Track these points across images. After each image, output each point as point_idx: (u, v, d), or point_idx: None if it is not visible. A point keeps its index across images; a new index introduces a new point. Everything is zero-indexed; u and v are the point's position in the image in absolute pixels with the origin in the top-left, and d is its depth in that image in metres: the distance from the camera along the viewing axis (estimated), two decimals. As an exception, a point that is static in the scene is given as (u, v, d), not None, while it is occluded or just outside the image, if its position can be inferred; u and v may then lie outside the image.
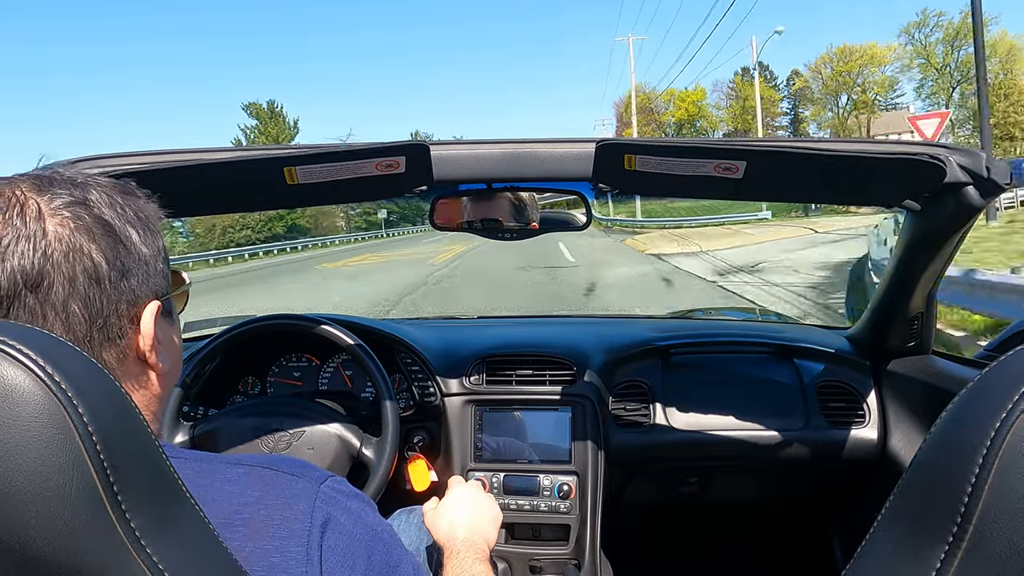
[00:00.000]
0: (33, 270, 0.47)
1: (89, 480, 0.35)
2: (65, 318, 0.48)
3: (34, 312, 0.47)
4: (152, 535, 0.38)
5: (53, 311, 0.48)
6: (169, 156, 0.87)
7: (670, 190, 0.99)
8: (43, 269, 0.47)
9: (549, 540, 1.43)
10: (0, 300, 0.47)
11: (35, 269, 0.47)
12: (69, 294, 0.48)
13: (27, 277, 0.47)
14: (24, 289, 0.47)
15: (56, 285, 0.48)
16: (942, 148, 0.86)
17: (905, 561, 0.41)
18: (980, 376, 0.41)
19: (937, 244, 1.05)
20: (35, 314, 0.47)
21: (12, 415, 0.34)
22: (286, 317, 1.33)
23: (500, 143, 0.93)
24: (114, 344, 0.51)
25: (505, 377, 1.47)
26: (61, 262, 0.48)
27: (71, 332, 0.49)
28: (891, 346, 1.34)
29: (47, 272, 0.47)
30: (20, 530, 0.34)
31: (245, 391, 1.50)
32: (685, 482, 1.59)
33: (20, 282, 0.47)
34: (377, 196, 1.03)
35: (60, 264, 0.48)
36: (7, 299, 0.47)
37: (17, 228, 0.48)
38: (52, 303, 0.48)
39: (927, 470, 0.42)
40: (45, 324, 0.48)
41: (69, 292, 0.48)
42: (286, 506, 0.52)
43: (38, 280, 0.47)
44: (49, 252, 0.48)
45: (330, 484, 0.56)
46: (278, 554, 0.50)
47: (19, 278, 0.47)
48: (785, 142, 0.83)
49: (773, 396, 1.45)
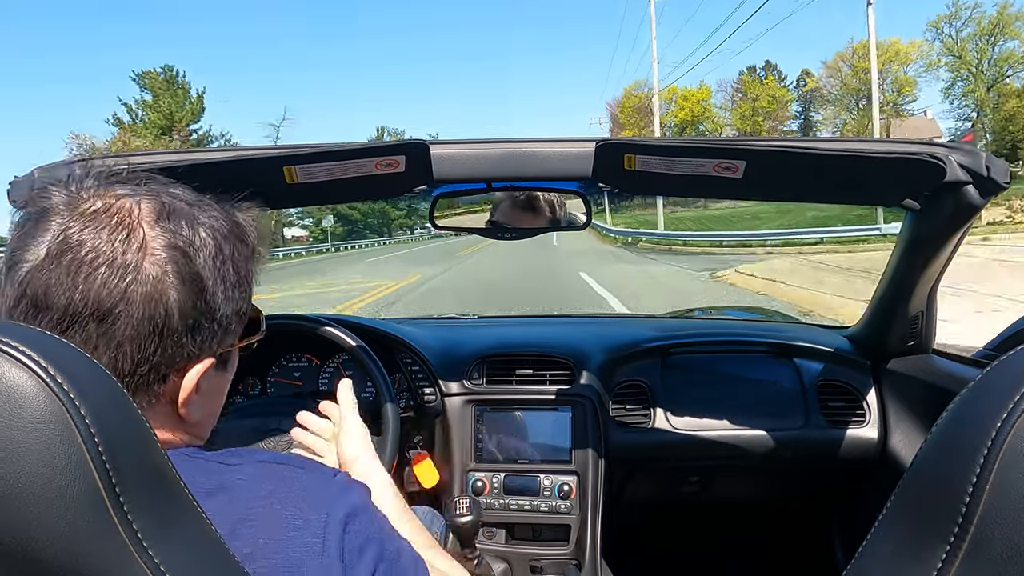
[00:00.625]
0: (108, 302, 0.46)
1: (91, 482, 0.35)
2: (115, 355, 0.48)
3: (89, 339, 0.47)
4: (154, 536, 0.38)
5: (106, 345, 0.47)
6: (166, 156, 0.86)
7: (670, 190, 0.99)
8: (116, 304, 0.47)
9: (549, 540, 1.43)
10: (64, 317, 0.46)
11: (109, 302, 0.47)
12: (130, 337, 0.48)
13: (99, 306, 0.46)
14: (90, 317, 0.46)
15: (121, 323, 0.47)
16: (942, 147, 0.86)
17: (906, 561, 0.41)
18: (981, 376, 0.41)
19: (937, 243, 1.05)
20: (89, 342, 0.47)
21: (15, 416, 0.34)
22: (286, 317, 1.33)
23: (500, 142, 0.92)
24: (149, 391, 0.51)
25: (505, 377, 1.47)
26: (136, 303, 0.47)
27: (115, 368, 0.48)
28: (891, 345, 1.34)
29: (119, 309, 0.47)
30: (22, 532, 0.34)
31: (245, 391, 1.50)
32: (685, 482, 1.60)
33: (91, 309, 0.46)
34: (377, 195, 1.03)
35: (134, 304, 0.47)
36: (71, 318, 0.46)
37: (115, 250, 0.47)
38: (109, 337, 0.47)
39: (928, 470, 0.42)
40: (95, 353, 0.47)
41: (131, 335, 0.48)
42: (300, 499, 0.52)
43: (106, 313, 0.47)
44: (130, 291, 0.47)
45: (341, 477, 0.57)
46: (292, 546, 0.50)
47: (92, 304, 0.46)
48: (785, 141, 0.83)
49: (773, 395, 1.45)
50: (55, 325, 0.47)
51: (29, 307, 0.47)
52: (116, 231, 0.47)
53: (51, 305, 0.46)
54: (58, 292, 0.46)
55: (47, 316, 0.47)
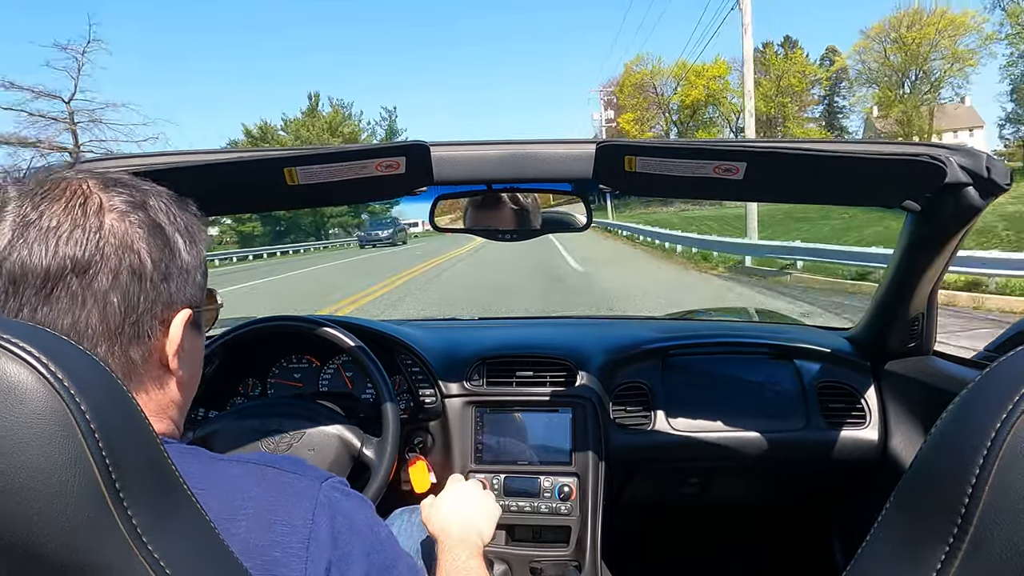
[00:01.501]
0: (83, 257, 0.49)
1: (91, 477, 0.35)
2: (103, 307, 0.50)
3: (75, 296, 0.49)
4: (153, 531, 0.38)
5: (93, 298, 0.50)
6: (168, 157, 0.86)
7: (670, 191, 0.99)
8: (91, 258, 0.49)
9: (550, 542, 1.43)
10: (47, 280, 0.48)
11: (84, 257, 0.49)
12: (111, 285, 0.50)
13: (76, 263, 0.49)
14: (71, 273, 0.49)
15: (101, 274, 0.50)
16: (942, 148, 0.86)
17: (905, 562, 0.41)
18: (980, 377, 0.41)
19: (937, 245, 1.05)
20: (76, 298, 0.49)
21: (15, 412, 0.35)
22: (286, 318, 1.33)
23: (500, 144, 0.93)
24: (142, 342, 0.53)
25: (505, 378, 1.47)
26: (110, 254, 0.50)
27: (105, 322, 0.50)
28: (891, 347, 1.34)
29: (95, 261, 0.49)
30: (22, 527, 0.34)
31: (245, 392, 1.50)
32: (685, 483, 1.59)
33: (69, 266, 0.49)
34: (377, 197, 1.04)
35: (109, 256, 0.50)
36: (53, 279, 0.49)
37: (76, 219, 0.50)
38: (94, 290, 0.50)
39: (927, 471, 0.42)
40: (83, 310, 0.49)
41: (112, 283, 0.50)
42: (288, 503, 0.52)
43: (85, 266, 0.49)
44: (101, 244, 0.50)
45: (331, 483, 0.57)
46: (279, 549, 0.50)
47: (68, 263, 0.49)
48: (785, 143, 0.83)
49: (773, 397, 1.45)
50: (38, 291, 0.48)
51: (8, 285, 0.48)
52: (72, 201, 0.50)
53: (29, 274, 0.48)
54: (33, 261, 0.48)
55: (28, 285, 0.48)
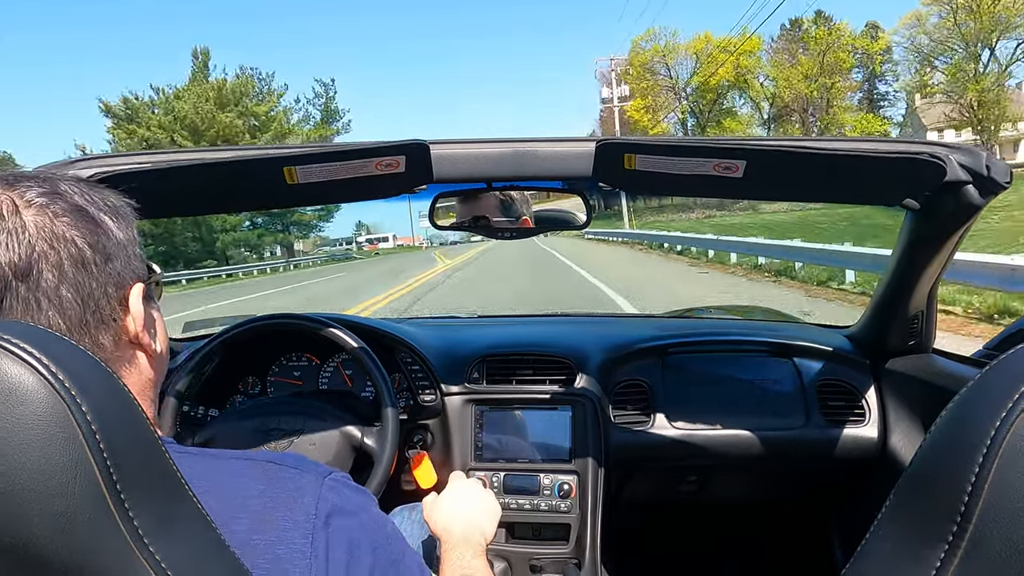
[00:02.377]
0: (20, 261, 0.48)
1: (92, 478, 0.35)
2: (59, 304, 0.49)
3: (27, 301, 0.48)
4: (155, 533, 0.38)
5: (46, 298, 0.48)
6: (168, 156, 0.86)
7: (670, 190, 0.99)
8: (30, 259, 0.48)
9: (549, 539, 1.43)
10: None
11: (22, 260, 0.48)
12: (59, 280, 0.49)
13: (16, 269, 0.47)
14: (14, 280, 0.48)
15: (45, 273, 0.48)
16: (942, 147, 0.86)
17: (905, 560, 0.41)
18: (980, 375, 0.41)
19: (937, 243, 1.05)
20: (28, 303, 0.48)
21: (16, 413, 0.34)
22: (286, 317, 1.33)
23: (500, 142, 0.93)
24: (108, 327, 0.52)
25: (505, 377, 1.47)
26: (47, 250, 0.49)
27: (66, 318, 0.49)
28: (891, 345, 1.34)
29: (34, 261, 0.48)
30: (23, 529, 0.34)
31: (245, 391, 1.50)
32: (684, 481, 1.60)
33: (9, 274, 0.47)
34: (377, 195, 1.03)
35: (46, 252, 0.49)
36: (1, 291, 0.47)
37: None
38: (44, 290, 0.48)
39: (927, 469, 0.42)
40: (40, 312, 0.48)
41: (59, 279, 0.49)
42: (291, 499, 0.52)
43: (27, 270, 0.48)
44: (33, 242, 0.48)
45: (334, 478, 0.56)
46: (283, 546, 0.50)
47: (7, 271, 0.47)
48: (785, 141, 0.83)
49: (773, 395, 1.45)
50: None
51: None
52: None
53: None
54: None
55: None
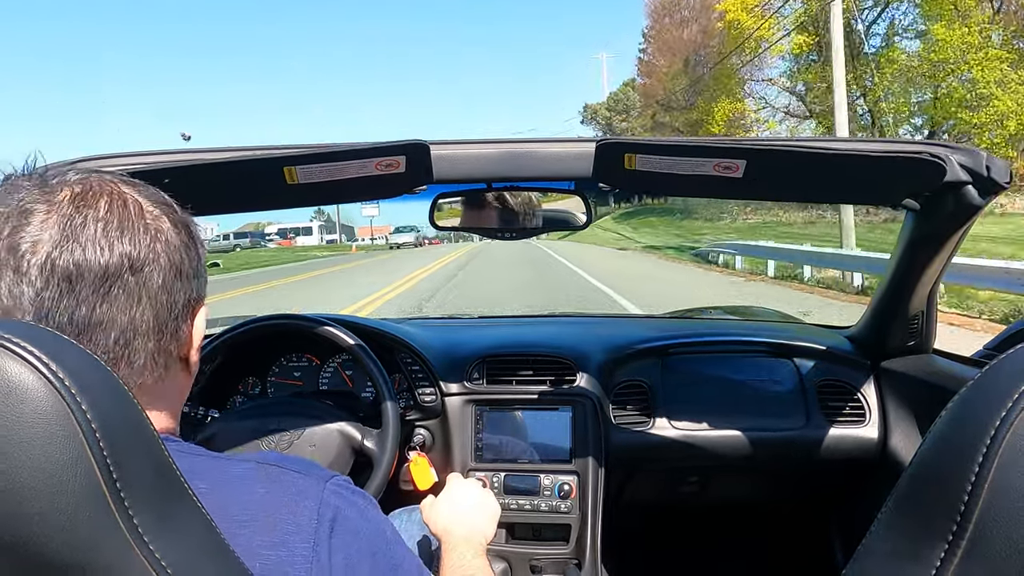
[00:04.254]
0: (139, 256, 0.50)
1: (92, 476, 0.35)
2: (156, 304, 0.52)
3: (131, 293, 0.50)
4: (154, 531, 0.38)
5: (148, 295, 0.51)
6: (168, 156, 0.87)
7: (670, 190, 0.99)
8: (146, 256, 0.51)
9: (550, 540, 1.43)
10: (105, 278, 0.49)
11: (140, 255, 0.50)
12: (163, 283, 0.52)
13: (132, 260, 0.50)
14: (127, 271, 0.50)
15: (155, 272, 0.51)
16: (942, 147, 0.86)
17: (905, 560, 0.41)
18: (980, 374, 0.41)
19: (937, 243, 1.05)
20: (131, 296, 0.50)
21: (16, 411, 0.35)
22: (286, 317, 1.33)
23: (500, 143, 0.93)
24: (178, 337, 0.54)
25: (506, 377, 1.47)
26: (161, 253, 0.52)
27: (158, 318, 0.52)
28: (891, 345, 1.34)
29: (149, 260, 0.51)
30: (23, 526, 0.34)
31: (245, 391, 1.50)
32: (685, 481, 1.60)
33: (126, 264, 0.50)
34: (377, 196, 1.04)
35: (160, 255, 0.52)
36: (112, 276, 0.49)
37: (124, 219, 0.51)
38: (149, 288, 0.51)
39: (927, 469, 0.42)
40: (139, 306, 0.51)
41: (163, 281, 0.52)
42: (292, 503, 0.52)
43: (141, 265, 0.50)
44: (153, 243, 0.51)
45: (335, 482, 0.56)
46: (284, 549, 0.50)
47: (126, 261, 0.50)
48: (785, 141, 0.83)
49: (773, 395, 1.45)
50: (96, 289, 0.49)
51: (62, 282, 0.48)
52: (112, 202, 0.51)
53: (86, 273, 0.49)
54: (91, 258, 0.49)
55: (86, 284, 0.49)
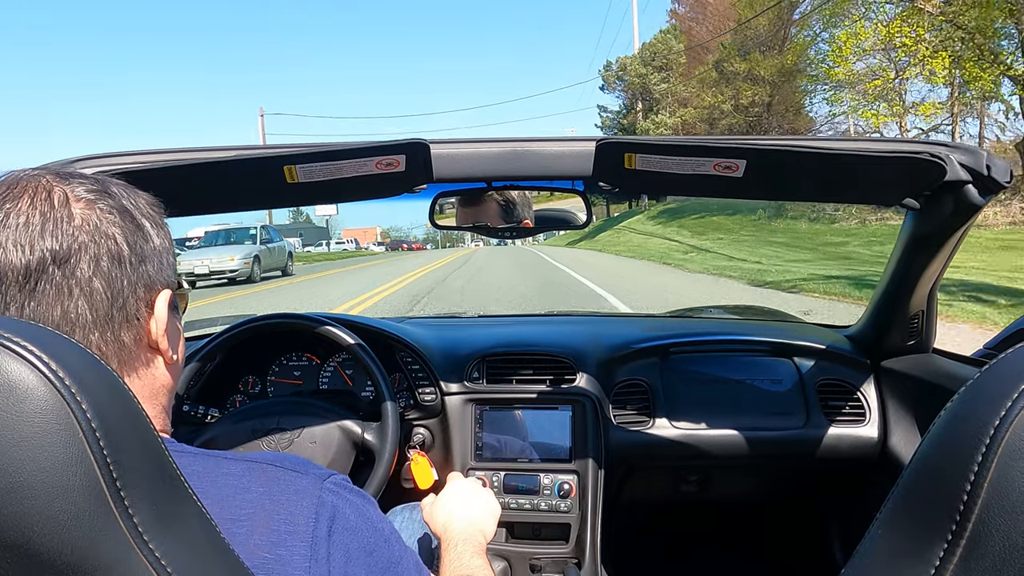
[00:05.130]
0: (61, 249, 0.50)
1: (92, 476, 0.35)
2: (89, 294, 0.51)
3: (60, 287, 0.50)
4: (154, 530, 0.38)
5: (78, 287, 0.50)
6: (168, 155, 0.87)
7: (670, 189, 0.99)
8: (70, 247, 0.50)
9: (549, 539, 1.43)
10: (28, 276, 0.49)
11: (63, 248, 0.50)
12: (93, 272, 0.51)
13: (55, 254, 0.49)
14: (52, 265, 0.49)
15: (82, 262, 0.50)
16: (942, 146, 0.86)
17: (904, 559, 0.41)
18: (980, 374, 0.41)
19: (937, 243, 1.05)
20: (61, 289, 0.50)
21: (17, 411, 0.35)
22: (285, 316, 1.33)
23: (500, 141, 0.93)
24: (132, 325, 0.54)
25: (505, 376, 1.47)
26: (87, 242, 0.51)
27: (94, 308, 0.51)
28: (891, 344, 1.34)
29: (74, 251, 0.50)
30: (23, 526, 0.34)
31: (245, 391, 1.50)
32: (685, 481, 1.60)
33: (49, 258, 0.49)
34: (377, 195, 1.04)
35: (86, 244, 0.50)
36: (36, 273, 0.49)
37: (44, 212, 0.50)
38: (78, 279, 0.50)
39: (926, 468, 0.42)
40: (70, 299, 0.50)
41: (93, 270, 0.51)
42: (290, 502, 0.52)
43: (65, 256, 0.50)
44: (76, 233, 0.50)
45: (333, 481, 0.56)
46: (283, 548, 0.50)
47: (48, 255, 0.49)
48: (785, 140, 0.83)
49: (773, 395, 1.45)
50: (21, 287, 0.49)
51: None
52: (35, 196, 0.51)
53: (9, 271, 0.49)
54: (10, 258, 0.49)
55: (10, 283, 0.49)
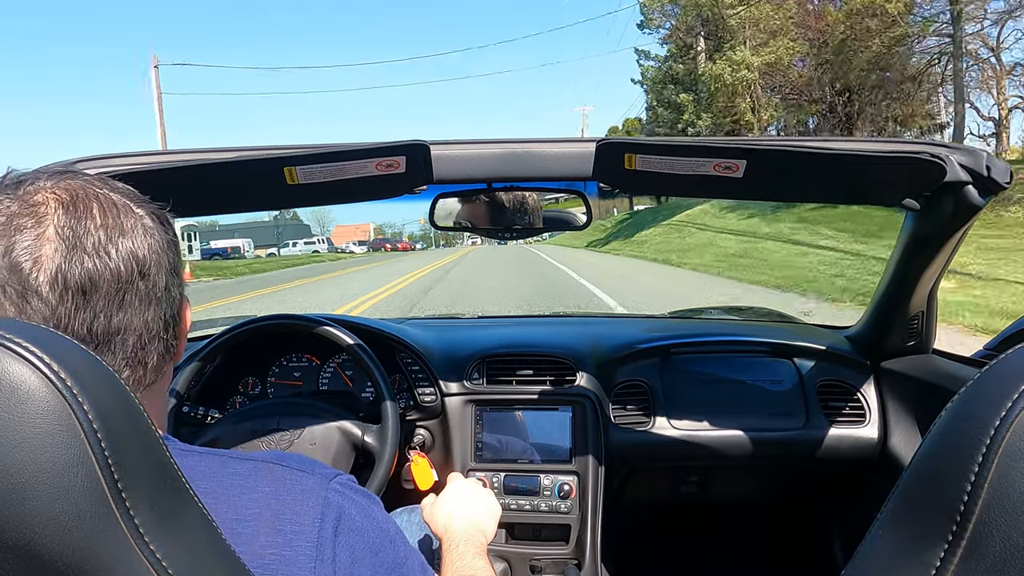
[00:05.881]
0: (143, 257, 0.49)
1: (94, 476, 0.35)
2: (161, 304, 0.51)
3: (143, 297, 0.49)
4: (155, 531, 0.38)
5: (156, 297, 0.50)
6: (168, 156, 0.87)
7: (670, 190, 1.00)
8: (148, 257, 0.50)
9: (549, 540, 1.43)
10: (119, 285, 0.48)
11: (143, 256, 0.49)
12: (166, 284, 0.51)
13: (139, 263, 0.49)
14: (136, 276, 0.49)
15: (159, 274, 0.51)
16: (942, 147, 0.86)
17: (905, 560, 0.41)
18: (980, 375, 0.41)
19: (937, 243, 1.06)
20: (143, 299, 0.49)
21: (18, 411, 0.35)
22: (285, 317, 1.33)
23: (500, 143, 0.93)
24: (177, 335, 0.54)
25: (505, 377, 1.47)
26: (160, 254, 0.51)
27: (164, 317, 0.51)
28: (891, 345, 1.34)
29: (152, 262, 0.50)
30: (24, 526, 0.34)
31: (245, 392, 1.50)
32: (685, 481, 1.60)
33: (135, 269, 0.49)
34: (377, 196, 1.04)
35: (160, 256, 0.51)
36: (125, 283, 0.48)
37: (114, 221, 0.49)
38: (157, 289, 0.50)
39: (926, 469, 0.42)
40: (151, 309, 0.50)
41: (166, 282, 0.51)
42: (296, 502, 0.52)
43: (145, 268, 0.49)
44: (153, 246, 0.50)
45: (339, 481, 0.56)
46: (289, 549, 0.50)
47: (134, 266, 0.49)
48: (785, 141, 0.83)
49: (773, 395, 1.45)
50: (112, 298, 0.48)
51: (76, 295, 0.47)
52: (103, 205, 0.50)
53: (99, 283, 0.48)
54: (101, 269, 0.48)
55: (100, 293, 0.48)
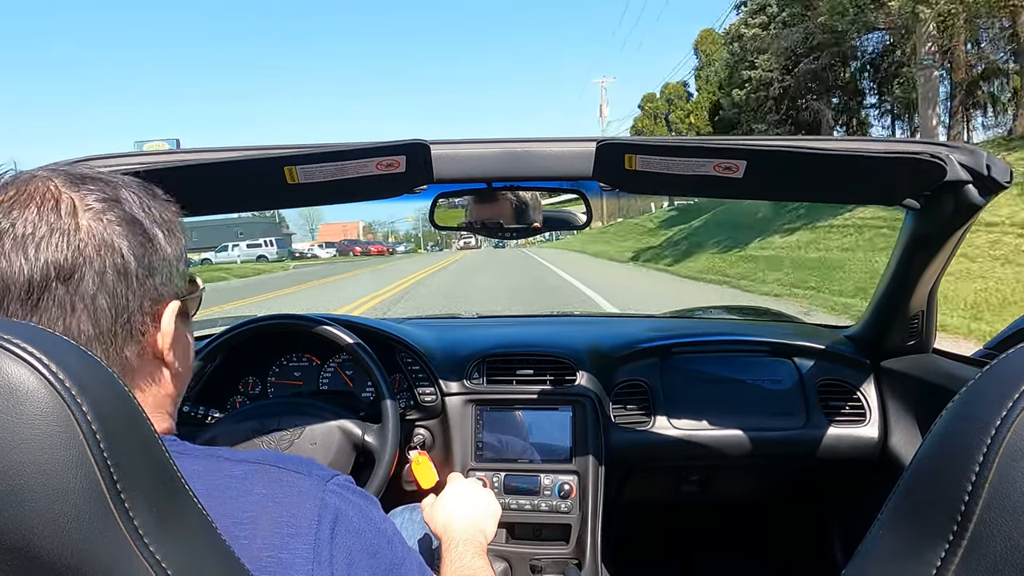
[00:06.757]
0: (66, 263, 0.48)
1: (92, 478, 0.35)
2: (93, 311, 0.49)
3: (63, 304, 0.48)
4: (155, 532, 0.38)
5: (82, 303, 0.49)
6: (169, 156, 0.87)
7: (670, 190, 1.00)
8: (75, 262, 0.48)
9: (550, 540, 1.43)
10: (31, 291, 0.48)
11: (67, 262, 0.48)
12: (98, 288, 0.49)
13: (59, 269, 0.48)
14: (55, 280, 0.48)
15: (87, 278, 0.49)
16: (942, 146, 0.86)
17: (905, 560, 0.41)
18: (980, 374, 0.41)
19: (937, 243, 1.05)
20: (64, 306, 0.48)
21: (17, 413, 0.34)
22: (285, 317, 1.33)
23: (500, 142, 0.93)
24: (135, 341, 0.52)
25: (506, 377, 1.47)
26: (93, 256, 0.49)
27: (97, 325, 0.50)
28: (892, 345, 1.34)
29: (78, 265, 0.48)
30: (23, 528, 0.34)
31: (246, 391, 1.50)
32: (685, 481, 1.60)
33: (52, 274, 0.48)
34: (377, 196, 1.04)
35: (92, 258, 0.49)
36: (39, 289, 0.48)
37: (51, 222, 0.48)
38: (82, 295, 0.49)
39: (927, 469, 0.42)
40: (73, 315, 0.49)
41: (98, 286, 0.49)
42: (293, 504, 0.52)
43: (69, 272, 0.48)
44: (82, 246, 0.49)
45: (336, 482, 0.56)
46: (285, 551, 0.50)
47: (52, 270, 0.48)
48: (785, 141, 0.83)
49: (773, 395, 1.45)
50: (24, 303, 0.48)
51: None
52: (43, 204, 0.49)
53: (12, 285, 0.47)
54: (14, 271, 0.47)
55: (12, 298, 0.47)
